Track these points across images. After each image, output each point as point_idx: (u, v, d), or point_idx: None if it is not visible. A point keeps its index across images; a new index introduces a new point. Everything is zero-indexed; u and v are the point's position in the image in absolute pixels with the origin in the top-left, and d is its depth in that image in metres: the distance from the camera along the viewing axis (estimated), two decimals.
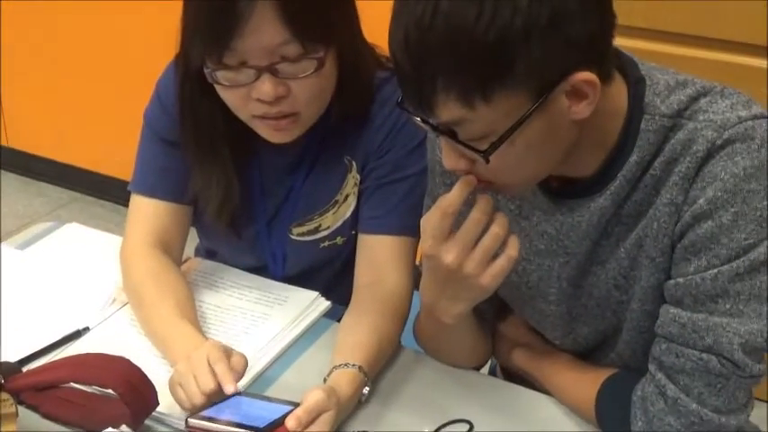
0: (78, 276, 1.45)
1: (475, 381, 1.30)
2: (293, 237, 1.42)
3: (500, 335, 1.34)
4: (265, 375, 1.27)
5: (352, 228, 1.41)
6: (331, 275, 1.47)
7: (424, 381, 1.28)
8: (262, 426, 1.03)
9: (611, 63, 1.02)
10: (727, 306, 1.01)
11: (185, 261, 1.51)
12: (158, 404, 1.13)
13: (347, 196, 1.39)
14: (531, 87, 0.92)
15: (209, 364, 1.12)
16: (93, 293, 1.40)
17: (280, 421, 1.05)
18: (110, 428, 1.04)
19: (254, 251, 1.46)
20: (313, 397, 1.09)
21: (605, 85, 1.00)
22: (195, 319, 1.30)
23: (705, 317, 1.02)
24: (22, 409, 1.11)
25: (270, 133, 1.27)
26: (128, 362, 1.10)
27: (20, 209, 3.34)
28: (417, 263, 1.35)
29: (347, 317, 1.32)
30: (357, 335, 1.26)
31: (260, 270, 1.47)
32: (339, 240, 1.42)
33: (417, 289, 1.28)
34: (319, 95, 1.25)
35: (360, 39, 1.30)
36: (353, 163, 1.37)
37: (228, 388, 1.10)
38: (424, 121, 0.98)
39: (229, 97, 1.23)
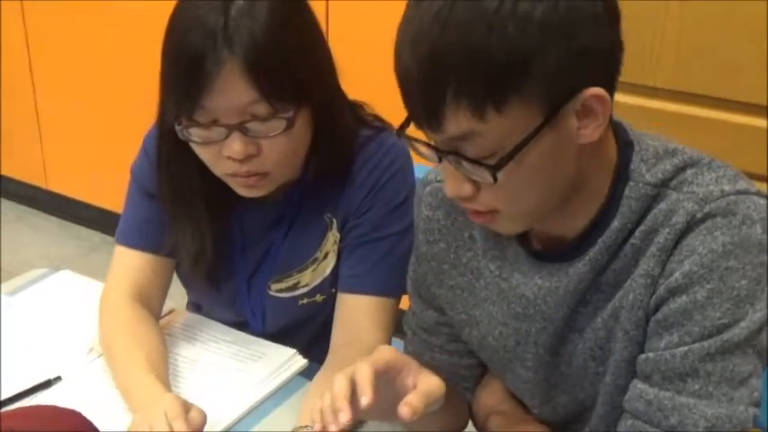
0: (60, 324, 1.46)
1: None
2: (272, 293, 1.41)
3: (479, 401, 1.31)
4: (232, 431, 1.25)
5: (333, 286, 1.40)
6: (312, 333, 1.45)
7: None
8: None
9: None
10: (696, 387, 0.96)
11: (170, 313, 1.51)
12: None
13: (327, 254, 1.38)
14: (544, 101, 0.90)
15: (167, 419, 1.11)
16: (73, 342, 1.41)
17: None
18: None
19: (233, 306, 1.45)
20: None
21: (606, 128, 0.98)
22: (164, 373, 1.30)
23: (672, 395, 0.98)
24: None
25: (240, 189, 1.27)
26: (79, 416, 1.10)
27: (53, 251, 3.41)
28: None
29: (319, 376, 1.31)
30: (319, 396, 1.23)
31: (241, 325, 1.47)
32: (319, 298, 1.41)
33: None
34: (290, 154, 1.25)
35: (337, 98, 1.30)
36: (334, 221, 1.37)
37: None
38: (427, 144, 0.95)
39: (202, 154, 1.24)
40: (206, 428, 1.23)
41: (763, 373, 0.99)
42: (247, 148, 1.20)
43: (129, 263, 1.40)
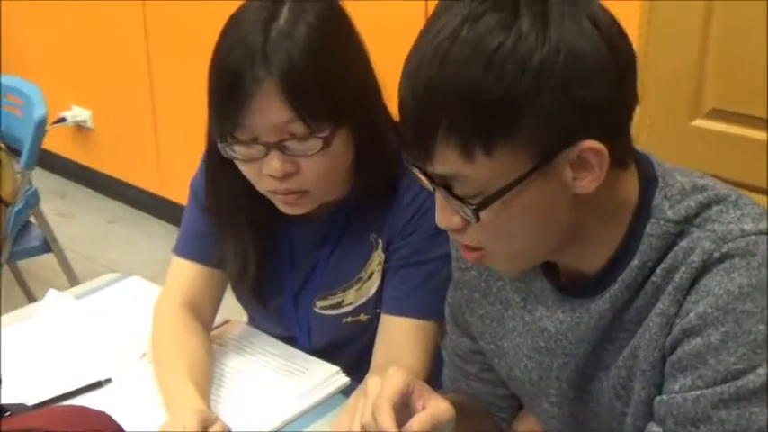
0: (120, 328, 1.52)
1: None
2: (317, 310, 1.43)
3: (514, 430, 1.29)
4: None
5: (377, 306, 1.40)
6: (357, 352, 1.46)
7: None
8: None
9: (627, 149, 0.98)
10: None
11: (224, 323, 1.55)
12: None
13: (372, 274, 1.39)
14: (534, 148, 0.89)
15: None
16: (129, 347, 1.47)
17: None
18: None
19: (281, 321, 1.48)
20: None
21: (620, 171, 0.96)
22: (204, 383, 1.33)
23: None
24: None
25: (283, 207, 1.30)
26: (107, 418, 1.14)
27: (161, 255, 3.54)
28: None
29: (354, 396, 1.31)
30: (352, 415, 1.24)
31: (290, 340, 1.49)
32: (363, 317, 1.42)
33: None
34: (329, 173, 1.26)
35: (379, 118, 1.30)
36: (379, 241, 1.38)
37: None
38: (422, 171, 0.95)
39: (245, 171, 1.27)
40: None
41: None
42: (285, 167, 1.22)
43: (183, 273, 1.45)
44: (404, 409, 1.04)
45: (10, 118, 2.71)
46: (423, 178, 0.97)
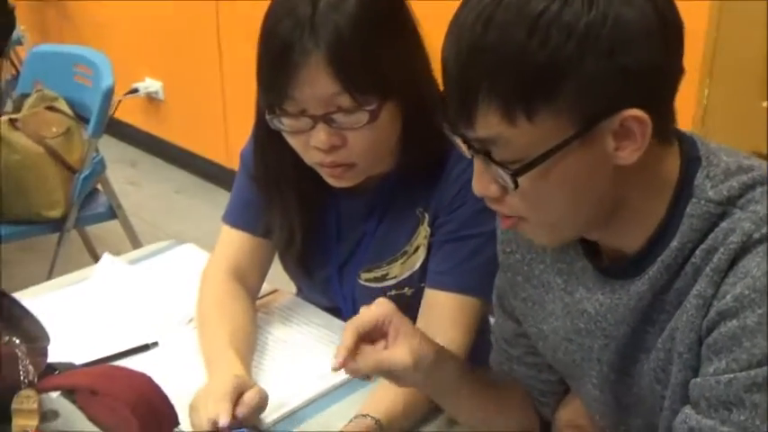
0: (169, 294, 1.55)
1: None
2: (361, 282, 1.43)
3: (559, 416, 1.27)
4: (299, 414, 1.29)
5: (421, 280, 1.40)
6: None
7: None
8: None
9: (670, 122, 0.96)
10: (742, 418, 0.90)
11: (272, 293, 1.57)
12: (178, 424, 1.18)
13: (417, 248, 1.39)
14: (577, 114, 0.88)
15: (215, 398, 1.17)
16: (177, 312, 1.50)
17: None
18: None
19: (326, 293, 1.49)
20: None
21: (661, 146, 0.95)
22: (245, 349, 1.35)
23: (714, 424, 0.92)
24: (74, 409, 1.21)
25: (329, 179, 1.30)
26: (148, 379, 1.16)
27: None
28: None
29: None
30: (389, 389, 1.24)
31: (335, 311, 1.50)
32: (407, 291, 1.42)
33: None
34: (375, 147, 1.26)
35: (428, 92, 1.29)
36: (425, 215, 1.37)
37: (221, 418, 1.15)
38: (462, 138, 0.95)
39: (293, 143, 1.28)
40: (278, 408, 1.28)
41: None
42: (332, 139, 1.22)
43: (231, 241, 1.47)
44: (379, 339, 1.08)
45: (80, 87, 2.77)
46: (462, 146, 0.96)
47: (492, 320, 1.32)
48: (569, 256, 1.09)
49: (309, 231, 1.40)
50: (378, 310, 1.07)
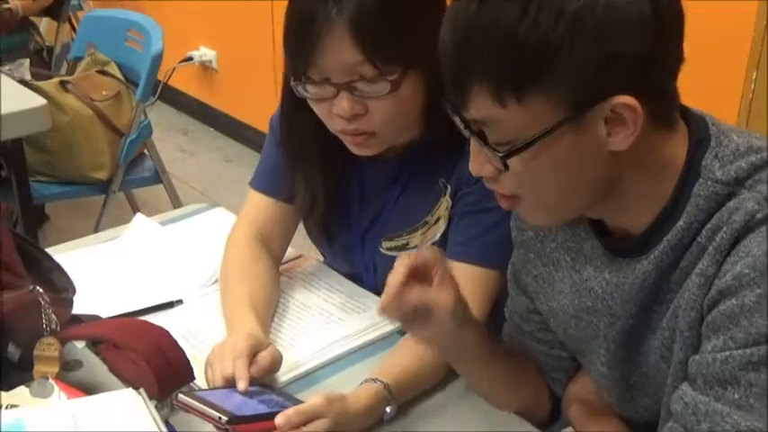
0: (196, 255, 1.58)
1: (514, 426, 1.25)
2: (382, 250, 1.45)
3: (568, 391, 1.28)
4: (312, 376, 1.31)
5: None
6: None
7: (461, 416, 1.25)
8: (239, 414, 1.07)
9: (670, 108, 0.96)
10: (736, 396, 0.91)
11: (296, 258, 1.60)
12: (193, 378, 1.21)
13: (438, 219, 1.40)
14: (567, 100, 0.89)
15: (231, 357, 1.19)
16: (204, 272, 1.53)
17: (270, 416, 1.09)
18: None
19: (348, 259, 1.51)
20: (311, 401, 1.12)
21: (663, 129, 0.95)
22: (264, 310, 1.38)
23: (708, 401, 0.93)
24: (97, 360, 1.25)
25: (352, 147, 1.32)
26: (166, 333, 1.19)
27: None
28: None
29: (406, 337, 1.33)
30: (402, 355, 1.27)
31: (357, 279, 1.52)
32: None
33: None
34: (396, 116, 1.27)
35: None
36: (448, 187, 1.38)
37: (240, 384, 1.17)
38: (460, 118, 0.97)
39: (317, 110, 1.29)
40: (293, 368, 1.31)
41: None
42: (354, 107, 1.24)
43: (256, 206, 1.50)
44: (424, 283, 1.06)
45: (131, 52, 2.82)
46: (460, 125, 0.98)
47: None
48: (579, 236, 1.10)
49: (332, 197, 1.42)
50: (430, 253, 1.06)
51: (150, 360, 1.16)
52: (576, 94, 0.88)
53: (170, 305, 1.45)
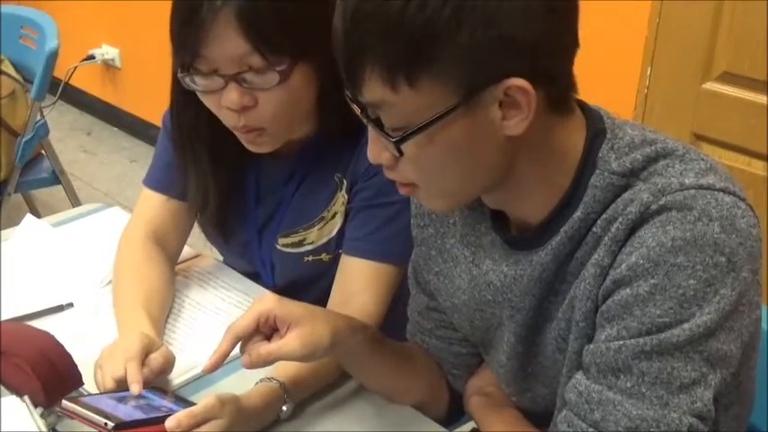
0: (89, 257, 1.53)
1: (412, 421, 1.25)
2: (279, 247, 1.43)
3: (469, 384, 1.28)
4: (207, 377, 1.27)
5: (339, 247, 1.40)
6: (320, 292, 1.45)
7: (359, 412, 1.25)
8: (127, 419, 1.04)
9: (565, 94, 0.96)
10: (628, 384, 0.91)
11: (194, 257, 1.56)
12: (82, 383, 1.17)
13: (335, 214, 1.39)
14: (459, 82, 0.88)
15: (123, 359, 1.16)
16: (95, 274, 1.48)
17: (160, 420, 1.06)
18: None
19: (244, 257, 1.49)
20: (203, 402, 1.09)
21: (558, 117, 0.95)
22: (157, 311, 1.34)
23: (601, 389, 0.93)
24: None
25: (246, 144, 1.29)
26: (50, 337, 1.15)
27: None
28: None
29: None
30: None
31: (256, 277, 1.50)
32: (324, 257, 1.42)
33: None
34: (286, 109, 1.25)
35: None
36: (344, 181, 1.37)
37: (133, 387, 1.13)
38: (356, 103, 0.95)
39: (207, 103, 1.26)
40: (188, 370, 1.28)
41: (717, 384, 0.92)
42: (243, 99, 1.21)
43: (150, 204, 1.46)
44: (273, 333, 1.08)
45: (26, 50, 2.73)
46: (358, 111, 0.96)
47: None
48: (479, 231, 1.10)
49: (225, 193, 1.39)
50: (256, 309, 1.06)
51: (35, 366, 1.13)
52: (467, 77, 0.88)
53: (60, 308, 1.40)
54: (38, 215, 3.04)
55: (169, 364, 1.21)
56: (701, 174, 0.93)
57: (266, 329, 1.07)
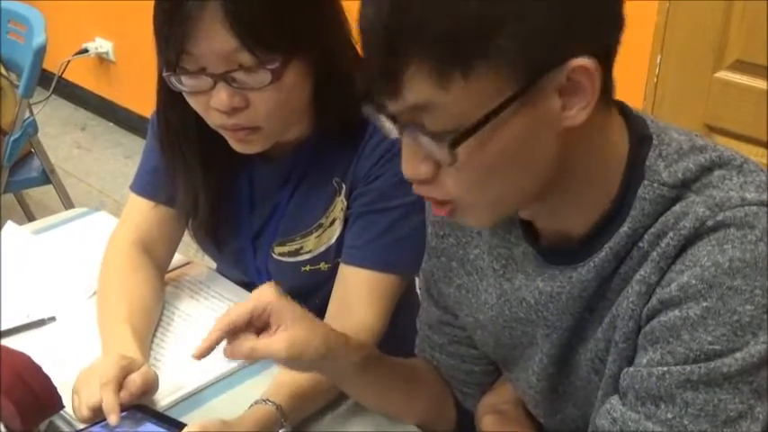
0: (73, 266, 1.45)
1: None
2: (275, 256, 1.35)
3: (482, 401, 1.20)
4: (196, 397, 1.21)
5: (338, 255, 1.31)
6: (319, 303, 1.37)
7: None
8: None
9: (611, 81, 0.86)
10: (669, 415, 0.83)
11: (185, 265, 1.48)
12: (62, 407, 1.10)
13: (334, 221, 1.30)
14: (518, 69, 0.77)
15: (99, 384, 1.08)
16: (79, 284, 1.40)
17: None
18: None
19: (238, 266, 1.40)
20: (190, 428, 1.02)
21: (607, 110, 0.86)
22: (143, 325, 1.27)
23: (638, 418, 0.84)
24: None
25: (234, 144, 1.20)
26: (27, 359, 1.08)
27: None
28: None
29: None
30: (293, 372, 1.16)
31: (250, 286, 1.41)
32: (323, 266, 1.33)
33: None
34: (280, 109, 1.16)
35: (342, 53, 1.19)
36: (343, 186, 1.28)
37: (110, 418, 1.06)
38: (386, 113, 0.83)
39: (193, 104, 1.18)
40: (176, 390, 1.20)
41: (764, 417, 0.83)
42: (233, 100, 1.13)
43: (137, 210, 1.38)
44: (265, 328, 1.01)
45: (13, 45, 2.64)
46: (386, 123, 0.84)
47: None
48: (509, 241, 1.00)
49: (216, 198, 1.31)
50: (255, 298, 0.99)
51: (10, 391, 1.05)
52: (529, 61, 0.77)
53: (41, 323, 1.32)
54: (30, 215, 2.99)
55: (150, 385, 1.13)
56: (762, 188, 0.84)
57: (259, 323, 1.00)
